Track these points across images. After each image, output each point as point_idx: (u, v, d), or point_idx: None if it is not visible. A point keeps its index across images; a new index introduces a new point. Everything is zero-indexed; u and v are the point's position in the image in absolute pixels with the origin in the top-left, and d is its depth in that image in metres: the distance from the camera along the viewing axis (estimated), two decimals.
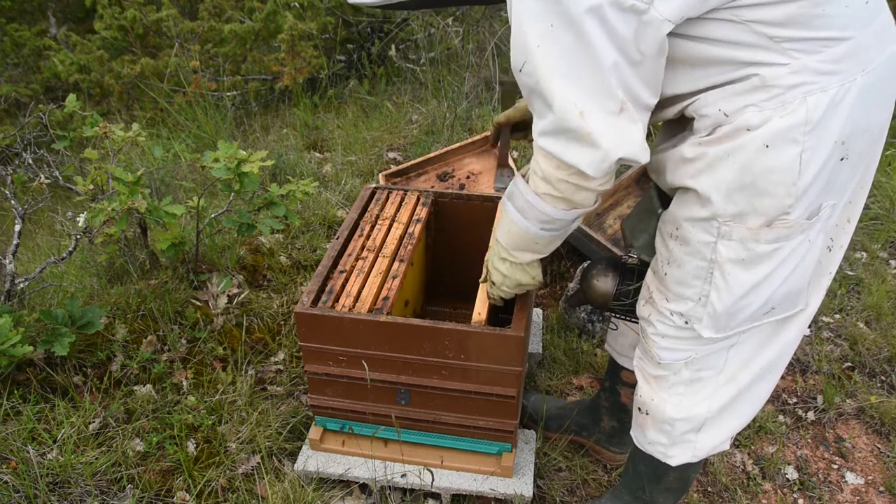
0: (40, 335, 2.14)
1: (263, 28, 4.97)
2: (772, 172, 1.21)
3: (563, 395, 2.44)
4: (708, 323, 1.39)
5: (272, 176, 3.59)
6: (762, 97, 1.18)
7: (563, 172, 1.26)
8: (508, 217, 1.46)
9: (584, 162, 1.21)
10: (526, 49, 1.18)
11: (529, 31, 1.16)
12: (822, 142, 1.19)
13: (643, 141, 1.21)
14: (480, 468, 1.94)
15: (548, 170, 1.28)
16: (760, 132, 1.19)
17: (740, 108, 1.20)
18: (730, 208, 1.26)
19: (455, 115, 4.10)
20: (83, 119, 2.49)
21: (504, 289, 1.64)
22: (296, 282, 2.77)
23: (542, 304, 2.83)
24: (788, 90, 1.17)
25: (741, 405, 1.55)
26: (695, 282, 1.37)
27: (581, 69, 1.15)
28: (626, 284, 1.66)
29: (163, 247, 2.38)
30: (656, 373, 1.54)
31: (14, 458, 1.86)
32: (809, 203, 1.25)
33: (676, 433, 1.57)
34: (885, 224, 3.31)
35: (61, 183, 2.61)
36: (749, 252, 1.29)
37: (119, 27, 5.06)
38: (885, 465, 2.25)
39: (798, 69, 1.16)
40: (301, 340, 1.81)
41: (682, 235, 1.36)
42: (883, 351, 2.64)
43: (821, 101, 1.16)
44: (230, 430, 2.10)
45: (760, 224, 1.26)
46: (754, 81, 1.18)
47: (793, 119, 1.17)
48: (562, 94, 1.17)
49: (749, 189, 1.23)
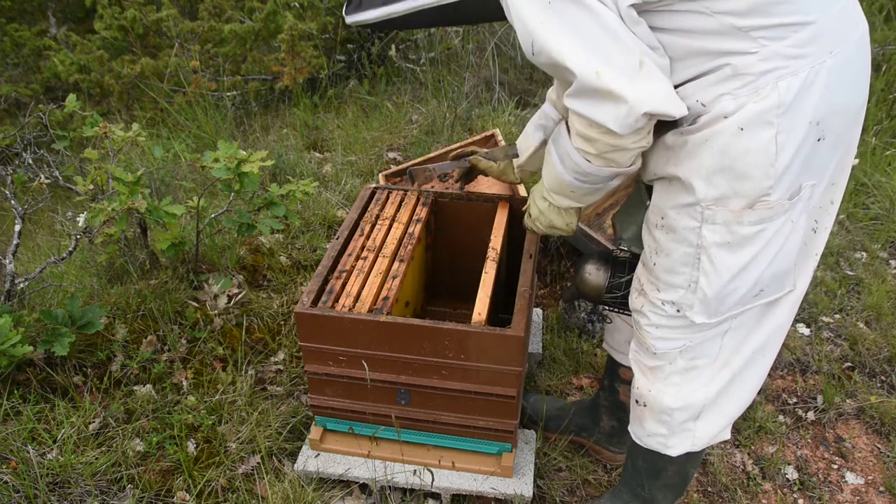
0: (40, 335, 2.14)
1: (263, 28, 4.97)
2: (748, 154, 1.25)
3: (563, 395, 2.44)
4: (699, 309, 1.42)
5: (272, 176, 3.59)
6: (735, 85, 1.23)
7: (594, 131, 1.28)
8: (550, 159, 1.48)
9: (610, 119, 1.23)
10: (530, 31, 1.22)
11: (528, 13, 1.22)
12: (796, 123, 1.23)
13: (670, 92, 1.23)
14: (480, 468, 1.94)
15: (580, 128, 1.31)
16: (736, 117, 1.23)
17: (716, 97, 1.25)
18: (711, 192, 1.30)
19: (455, 115, 4.10)
20: (83, 119, 2.49)
21: (538, 224, 1.65)
22: (296, 282, 2.77)
23: (542, 304, 2.83)
24: (760, 76, 1.21)
25: (737, 390, 1.57)
26: (683, 269, 1.40)
27: (589, 32, 1.18)
28: (617, 277, 1.69)
29: (163, 247, 2.38)
30: (652, 364, 1.56)
31: (14, 458, 1.86)
32: (790, 184, 1.29)
33: (675, 423, 1.58)
34: (885, 224, 3.31)
35: (61, 183, 2.61)
36: (733, 235, 1.32)
37: (119, 27, 5.06)
38: (885, 465, 2.25)
39: (767, 56, 1.20)
40: (301, 340, 1.81)
41: (667, 224, 1.39)
42: (883, 351, 2.64)
43: (792, 84, 1.21)
44: (230, 430, 2.10)
45: (742, 206, 1.30)
46: (727, 71, 1.23)
47: (766, 103, 1.21)
48: (575, 59, 1.20)
49: (728, 172, 1.27)
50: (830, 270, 3.04)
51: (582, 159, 1.36)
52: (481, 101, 4.48)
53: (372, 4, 1.45)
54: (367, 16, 1.46)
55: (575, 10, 1.18)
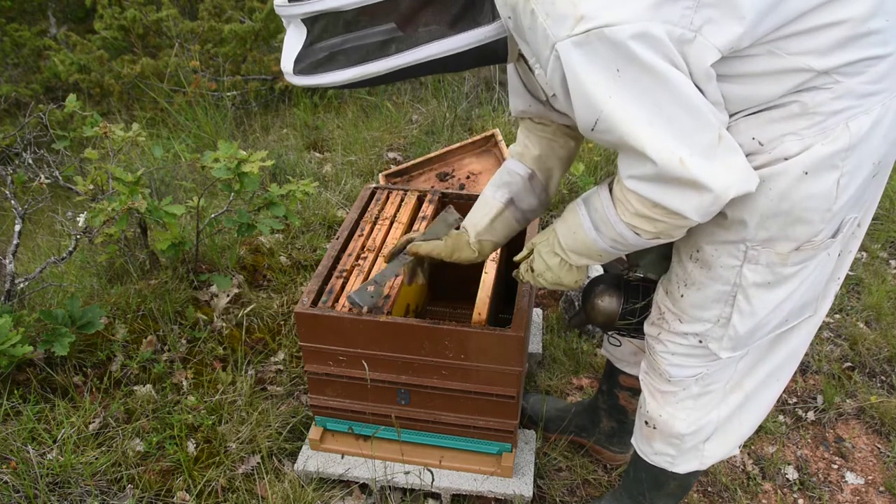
0: (40, 335, 2.13)
1: (263, 28, 4.97)
2: (810, 199, 1.15)
3: (563, 395, 2.44)
4: (727, 344, 1.36)
5: (272, 176, 3.59)
6: (803, 125, 1.11)
7: (659, 213, 1.15)
8: (579, 222, 1.32)
9: (689, 208, 1.11)
10: (594, 105, 1.06)
11: (595, 86, 1.04)
12: (862, 164, 1.14)
13: (747, 167, 1.11)
14: (480, 468, 1.94)
15: (641, 209, 1.17)
16: (800, 159, 1.12)
17: (778, 136, 1.13)
18: (761, 234, 1.21)
19: (455, 115, 4.10)
20: (83, 119, 2.49)
21: (541, 280, 1.47)
22: (296, 282, 2.77)
23: (542, 304, 2.83)
24: (830, 116, 1.10)
25: (748, 412, 1.53)
26: (715, 305, 1.33)
27: (667, 109, 1.04)
28: (630, 303, 1.59)
29: (163, 247, 2.38)
30: (665, 388, 1.50)
31: (14, 458, 1.86)
32: (838, 223, 1.22)
33: (686, 446, 1.55)
34: (885, 224, 3.31)
35: (61, 183, 2.61)
36: (775, 276, 1.26)
37: (119, 27, 5.07)
38: (885, 465, 2.25)
39: (841, 94, 1.09)
40: (301, 340, 1.81)
41: (702, 258, 1.31)
42: (883, 351, 2.64)
43: (864, 124, 1.11)
44: (230, 430, 2.10)
45: (791, 249, 1.22)
46: (794, 109, 1.11)
47: (836, 146, 1.11)
48: (654, 144, 1.05)
49: (784, 216, 1.18)
50: None
51: (631, 233, 1.22)
52: (481, 101, 4.48)
53: (343, 64, 1.17)
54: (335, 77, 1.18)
55: (649, 80, 1.02)
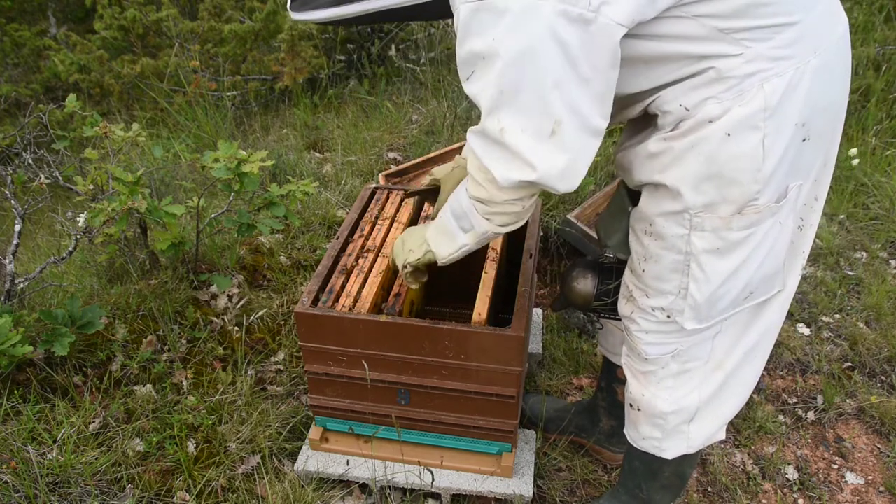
0: (40, 335, 2.13)
1: (263, 28, 4.97)
2: (736, 160, 1.23)
3: (563, 395, 2.44)
4: (690, 315, 1.41)
5: (272, 176, 3.58)
6: (720, 89, 1.20)
7: (482, 176, 1.33)
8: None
9: (501, 175, 1.25)
10: (472, 61, 1.18)
11: (471, 46, 1.16)
12: (783, 125, 1.22)
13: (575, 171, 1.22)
14: (480, 468, 1.94)
15: (475, 174, 1.35)
16: (722, 122, 1.21)
17: (700, 101, 1.22)
18: (699, 199, 1.28)
19: (455, 115, 4.09)
20: (83, 119, 2.49)
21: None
22: (296, 282, 2.77)
23: (542, 304, 2.83)
24: (745, 79, 1.19)
25: (730, 391, 1.57)
26: (673, 276, 1.39)
27: (520, 84, 1.15)
28: (605, 284, 1.67)
29: (163, 247, 2.38)
30: (644, 368, 1.55)
31: (14, 458, 1.86)
32: (777, 186, 1.28)
33: (669, 426, 1.58)
34: (885, 224, 3.31)
35: (61, 183, 2.61)
36: (723, 241, 1.31)
37: (119, 27, 5.06)
38: (885, 465, 2.25)
39: (752, 58, 1.18)
40: (301, 340, 1.81)
41: (655, 231, 1.38)
42: (883, 351, 2.64)
43: (777, 86, 1.19)
44: (230, 430, 2.10)
45: (731, 212, 1.28)
46: (711, 74, 1.20)
47: (752, 106, 1.19)
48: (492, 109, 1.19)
49: (716, 179, 1.25)
50: (830, 270, 3.04)
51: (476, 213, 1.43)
52: None
53: (319, 4, 1.38)
54: (314, 15, 1.39)
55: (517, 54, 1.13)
